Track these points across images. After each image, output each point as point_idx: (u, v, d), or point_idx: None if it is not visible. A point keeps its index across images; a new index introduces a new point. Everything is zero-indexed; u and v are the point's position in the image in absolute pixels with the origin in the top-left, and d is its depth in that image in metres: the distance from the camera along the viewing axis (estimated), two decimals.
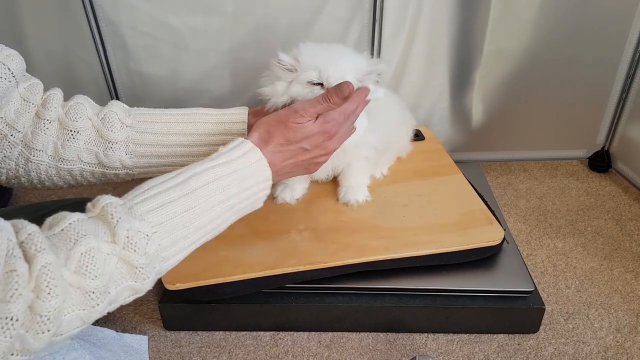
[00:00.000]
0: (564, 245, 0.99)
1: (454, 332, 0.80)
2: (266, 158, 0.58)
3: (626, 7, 1.03)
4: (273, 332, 0.81)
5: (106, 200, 0.48)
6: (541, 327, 0.80)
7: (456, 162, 0.99)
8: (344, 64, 0.72)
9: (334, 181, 0.91)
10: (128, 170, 0.68)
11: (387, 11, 1.01)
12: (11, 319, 0.38)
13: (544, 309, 0.78)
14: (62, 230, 0.45)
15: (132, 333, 0.78)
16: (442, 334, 0.80)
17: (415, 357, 0.68)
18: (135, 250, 0.47)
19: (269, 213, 0.85)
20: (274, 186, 0.88)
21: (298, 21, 1.01)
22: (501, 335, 0.80)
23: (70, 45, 1.03)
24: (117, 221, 0.47)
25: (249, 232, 0.81)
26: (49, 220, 0.46)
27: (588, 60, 1.09)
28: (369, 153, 0.85)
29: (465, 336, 0.80)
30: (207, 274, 0.74)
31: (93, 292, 0.44)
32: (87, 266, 0.44)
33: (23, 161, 0.62)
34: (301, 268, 0.75)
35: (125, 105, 0.69)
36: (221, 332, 0.81)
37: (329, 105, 0.63)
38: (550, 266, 0.93)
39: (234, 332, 0.81)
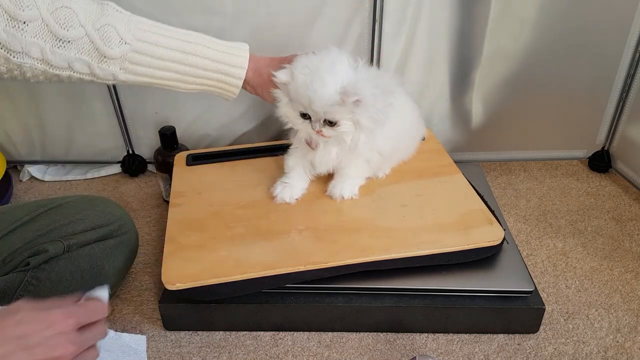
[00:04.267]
0: (564, 245, 0.98)
1: (454, 332, 0.80)
2: None
3: (626, 7, 1.03)
4: (273, 332, 0.81)
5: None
6: (541, 327, 0.80)
7: (456, 162, 0.99)
8: (323, 102, 0.71)
9: None
10: (116, 82, 0.68)
11: (387, 11, 1.00)
12: None
13: (544, 309, 0.78)
14: None
15: (131, 333, 0.78)
16: (442, 334, 0.80)
17: (415, 357, 0.68)
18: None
19: (269, 213, 0.85)
20: (273, 186, 0.88)
21: (298, 21, 1.01)
22: (501, 335, 0.80)
23: None
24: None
25: (249, 232, 0.81)
26: None
27: (588, 60, 1.09)
28: (373, 157, 0.85)
29: (465, 336, 0.80)
30: (207, 274, 0.74)
31: None
32: None
33: (2, 60, 0.61)
34: (301, 268, 0.75)
35: (125, 14, 0.67)
36: (221, 332, 0.81)
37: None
38: (550, 266, 0.93)
39: (234, 332, 0.81)
